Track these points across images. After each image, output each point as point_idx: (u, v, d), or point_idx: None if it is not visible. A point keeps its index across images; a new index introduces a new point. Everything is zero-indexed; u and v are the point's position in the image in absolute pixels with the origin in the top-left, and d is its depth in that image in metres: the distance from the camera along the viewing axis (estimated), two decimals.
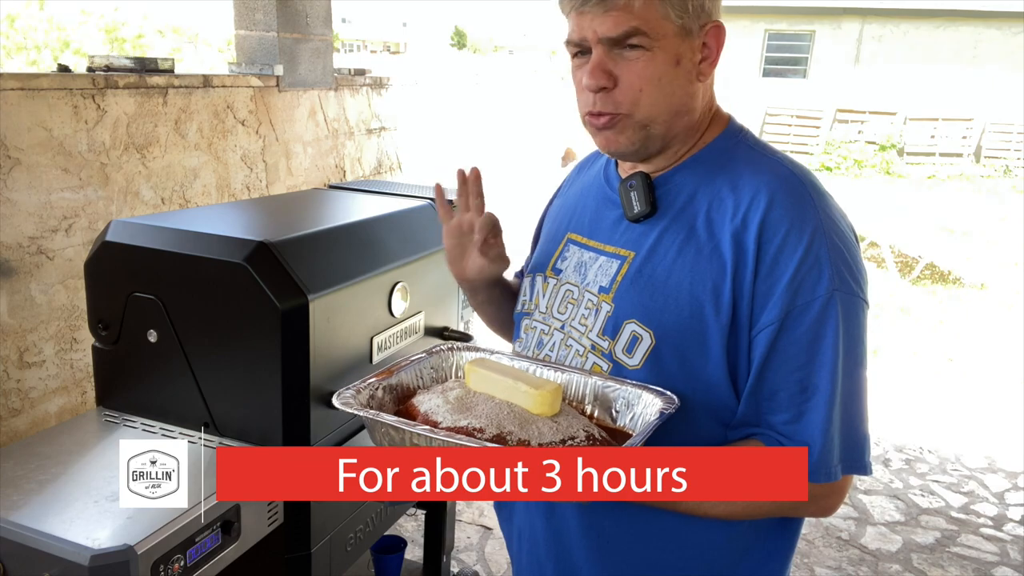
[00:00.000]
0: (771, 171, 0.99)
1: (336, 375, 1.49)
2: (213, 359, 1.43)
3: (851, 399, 0.94)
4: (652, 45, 0.94)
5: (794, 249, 0.93)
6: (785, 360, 0.93)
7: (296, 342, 1.38)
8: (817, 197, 0.96)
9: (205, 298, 1.41)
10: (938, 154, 15.49)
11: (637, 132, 0.99)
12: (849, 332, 0.93)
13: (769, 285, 0.93)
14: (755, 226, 0.94)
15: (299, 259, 1.41)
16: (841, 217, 0.99)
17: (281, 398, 1.39)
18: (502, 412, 0.92)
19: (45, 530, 1.12)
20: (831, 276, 0.92)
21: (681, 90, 0.98)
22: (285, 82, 3.09)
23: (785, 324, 0.92)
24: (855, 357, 0.94)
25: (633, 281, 1.02)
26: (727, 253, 0.95)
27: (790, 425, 0.94)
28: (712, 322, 0.95)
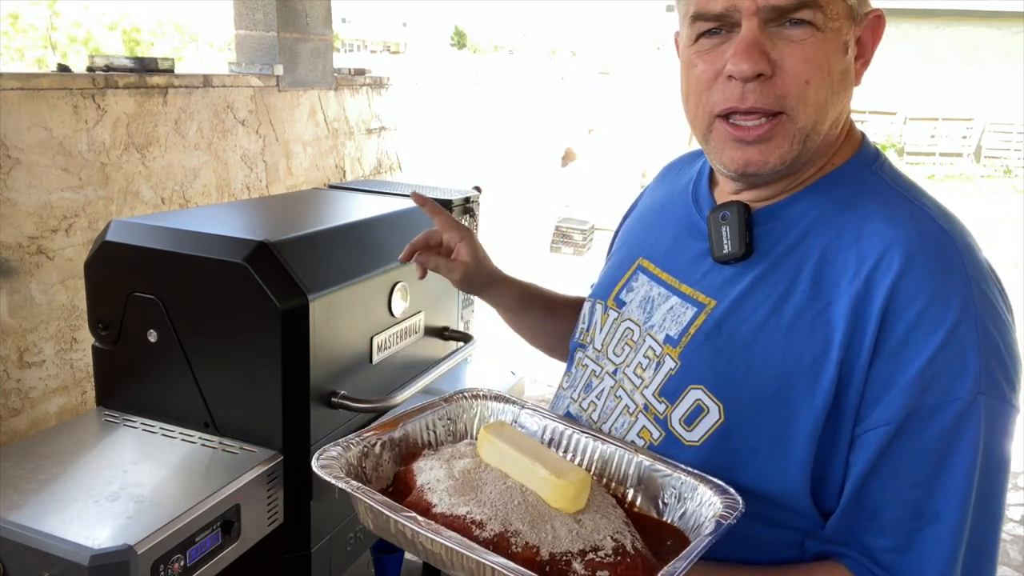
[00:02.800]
0: (913, 221, 0.75)
1: (336, 375, 1.49)
2: (213, 359, 1.43)
3: (984, 537, 0.74)
4: (825, 24, 0.74)
5: (932, 330, 0.70)
6: (899, 472, 0.72)
7: (296, 342, 1.38)
8: (972, 265, 0.73)
9: (205, 298, 1.41)
10: (938, 154, 15.49)
11: (795, 144, 0.77)
12: (993, 449, 0.71)
13: (890, 371, 0.71)
14: (883, 292, 0.72)
15: (299, 259, 1.41)
16: (999, 293, 0.75)
17: (281, 398, 1.39)
18: (512, 501, 0.73)
19: (45, 530, 1.12)
20: (978, 372, 0.70)
21: (843, 90, 0.78)
22: (285, 82, 3.09)
23: (906, 427, 0.71)
24: (996, 484, 0.73)
25: (709, 337, 0.81)
26: (839, 320, 0.73)
27: (893, 555, 0.73)
28: (803, 407, 0.74)
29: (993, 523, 0.74)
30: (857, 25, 0.77)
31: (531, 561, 0.68)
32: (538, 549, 0.69)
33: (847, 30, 0.76)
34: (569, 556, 0.69)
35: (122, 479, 1.28)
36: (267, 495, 1.37)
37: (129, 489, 1.25)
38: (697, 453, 0.79)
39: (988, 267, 0.77)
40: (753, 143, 0.76)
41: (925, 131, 15.63)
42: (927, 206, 0.78)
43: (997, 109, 15.41)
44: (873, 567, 0.74)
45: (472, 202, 2.36)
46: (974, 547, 0.73)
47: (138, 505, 1.20)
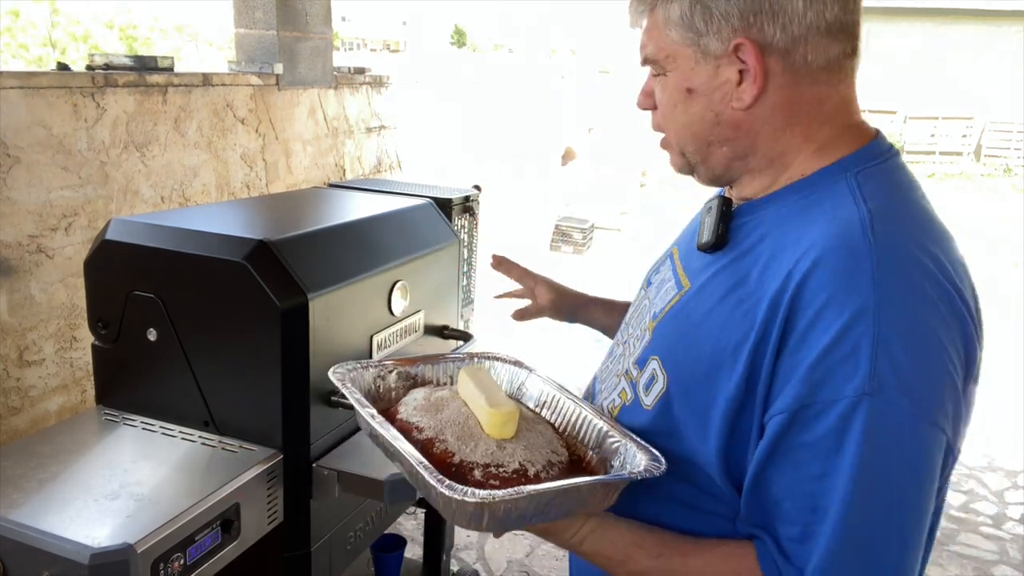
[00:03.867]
0: (840, 223, 0.78)
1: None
2: (213, 358, 1.43)
3: (876, 544, 0.72)
4: (665, 70, 0.87)
5: (826, 328, 0.73)
6: (797, 464, 0.75)
7: (296, 341, 1.38)
8: (885, 271, 0.73)
9: (205, 297, 1.41)
10: (938, 153, 15.49)
11: (679, 156, 0.92)
12: (881, 455, 0.71)
13: (791, 365, 0.75)
14: (792, 289, 0.76)
15: (299, 258, 1.41)
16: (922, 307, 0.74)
17: (281, 397, 1.39)
18: (455, 421, 0.90)
19: (45, 529, 1.12)
20: (867, 375, 0.70)
21: (703, 119, 0.86)
22: (285, 80, 3.08)
23: (799, 419, 0.74)
24: (888, 491, 0.72)
25: (674, 316, 0.91)
26: (760, 314, 0.78)
27: (794, 544, 0.76)
28: (723, 389, 0.80)
29: (889, 529, 0.72)
30: (716, 60, 0.83)
31: (443, 462, 0.85)
32: (454, 455, 0.85)
33: (690, 70, 0.85)
34: (474, 465, 0.84)
35: (122, 478, 1.28)
36: (267, 494, 1.37)
37: (129, 488, 1.25)
38: (649, 416, 0.89)
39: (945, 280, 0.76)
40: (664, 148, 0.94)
41: (925, 130, 15.62)
42: (877, 211, 0.79)
43: (997, 108, 15.41)
44: (776, 553, 0.78)
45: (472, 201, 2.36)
46: (868, 552, 0.72)
47: (138, 504, 1.20)
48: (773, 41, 0.81)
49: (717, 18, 0.81)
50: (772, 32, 0.80)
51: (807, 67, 0.82)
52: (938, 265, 0.77)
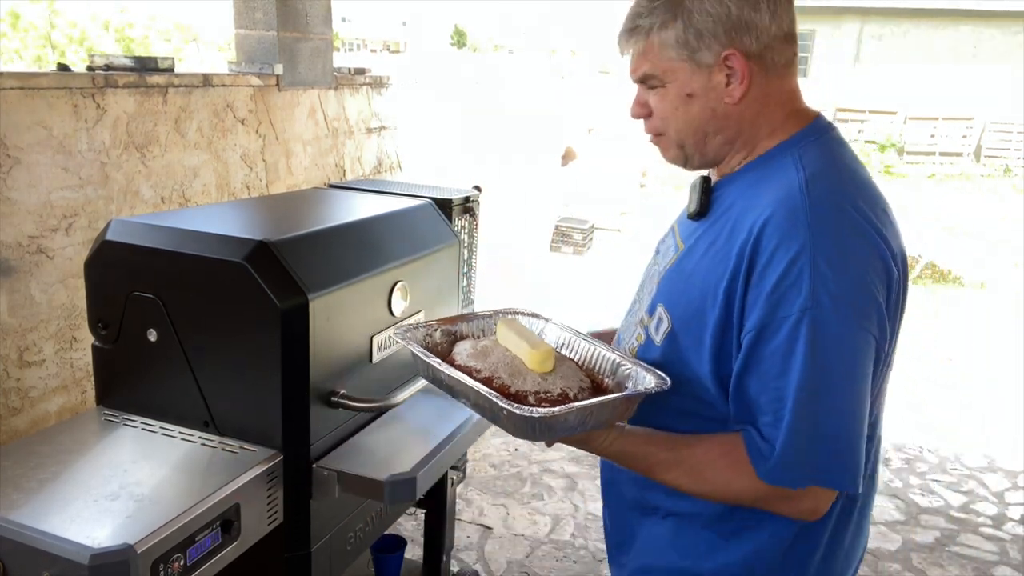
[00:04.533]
0: (785, 187, 1.02)
1: (336, 374, 1.49)
2: (213, 358, 1.43)
3: (823, 417, 0.96)
4: (664, 82, 1.09)
5: (778, 264, 0.97)
6: (766, 368, 0.98)
7: (296, 341, 1.38)
8: (816, 218, 0.97)
9: (205, 297, 1.41)
10: (938, 153, 15.49)
11: (676, 149, 1.14)
12: (822, 354, 0.95)
13: (755, 295, 0.99)
14: (752, 239, 1.00)
15: (299, 258, 1.41)
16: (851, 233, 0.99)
17: (281, 397, 1.39)
18: (504, 362, 1.11)
19: (45, 529, 1.12)
20: (807, 296, 0.94)
21: (701, 116, 1.09)
22: (285, 81, 3.08)
23: (763, 334, 0.98)
24: (829, 379, 0.96)
25: (673, 271, 1.15)
26: (732, 260, 1.02)
27: (769, 428, 1.00)
28: (709, 318, 1.04)
29: (832, 407, 0.97)
30: (708, 69, 1.06)
31: (504, 392, 1.05)
32: (510, 387, 1.07)
33: (689, 78, 1.07)
34: (527, 393, 1.06)
35: (122, 478, 1.28)
36: (267, 494, 1.37)
37: (129, 488, 1.25)
38: (660, 349, 1.13)
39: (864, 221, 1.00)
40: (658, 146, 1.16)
41: (925, 131, 15.62)
42: (822, 171, 1.04)
43: (997, 109, 15.41)
44: (756, 437, 1.01)
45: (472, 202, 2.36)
46: (819, 424, 0.97)
47: (138, 504, 1.20)
48: (751, 49, 1.04)
49: (707, 37, 1.04)
50: (749, 42, 1.04)
51: (774, 66, 1.07)
52: (861, 214, 1.00)
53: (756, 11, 1.03)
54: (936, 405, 4.27)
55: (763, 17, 1.03)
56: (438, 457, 1.53)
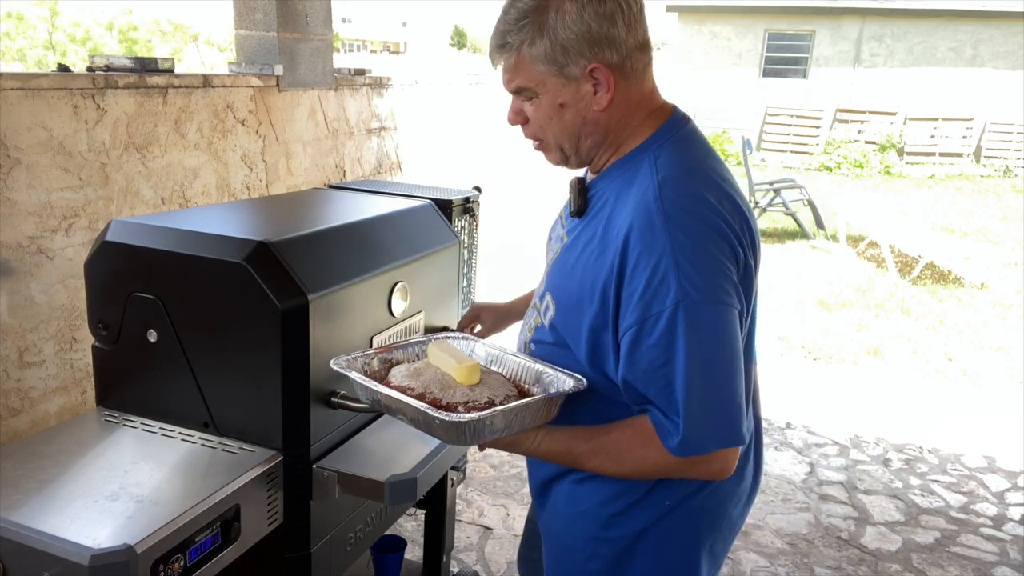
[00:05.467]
0: (641, 196, 1.15)
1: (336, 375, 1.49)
2: (213, 359, 1.43)
3: (712, 389, 1.10)
4: (537, 94, 1.19)
5: (644, 268, 1.09)
6: (648, 361, 1.10)
7: (296, 342, 1.38)
8: (671, 224, 1.10)
9: (205, 298, 1.41)
10: (938, 154, 15.49)
11: (557, 152, 1.26)
12: (699, 334, 1.08)
13: (628, 296, 1.11)
14: (621, 246, 1.12)
15: (299, 259, 1.41)
16: (700, 234, 1.11)
17: (281, 398, 1.39)
18: (435, 379, 1.21)
19: (45, 530, 1.12)
20: (676, 291, 1.07)
21: (574, 122, 1.20)
22: (285, 82, 3.09)
23: (641, 329, 1.10)
24: (710, 355, 1.09)
25: (557, 262, 1.28)
26: (606, 265, 1.14)
27: (669, 407, 1.11)
28: (587, 311, 1.17)
29: (716, 378, 1.10)
30: (577, 81, 1.16)
31: (435, 405, 1.15)
32: (441, 399, 1.17)
33: (559, 90, 1.17)
34: (457, 404, 1.16)
35: (122, 479, 1.28)
36: (267, 495, 1.37)
37: (129, 489, 1.25)
38: (548, 333, 1.26)
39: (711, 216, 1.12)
40: (538, 149, 1.28)
41: (925, 131, 15.62)
42: (671, 173, 1.15)
43: (997, 109, 15.40)
44: (662, 417, 1.12)
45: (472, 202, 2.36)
46: (709, 394, 1.10)
47: (138, 505, 1.20)
48: (612, 61, 1.15)
49: (572, 53, 1.14)
50: (610, 55, 1.15)
51: (633, 73, 1.18)
52: (708, 207, 1.13)
53: (614, 26, 1.13)
54: (936, 405, 4.27)
55: (621, 32, 1.14)
56: (438, 458, 1.53)
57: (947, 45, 15.70)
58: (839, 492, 3.30)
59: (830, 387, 4.48)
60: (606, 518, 1.26)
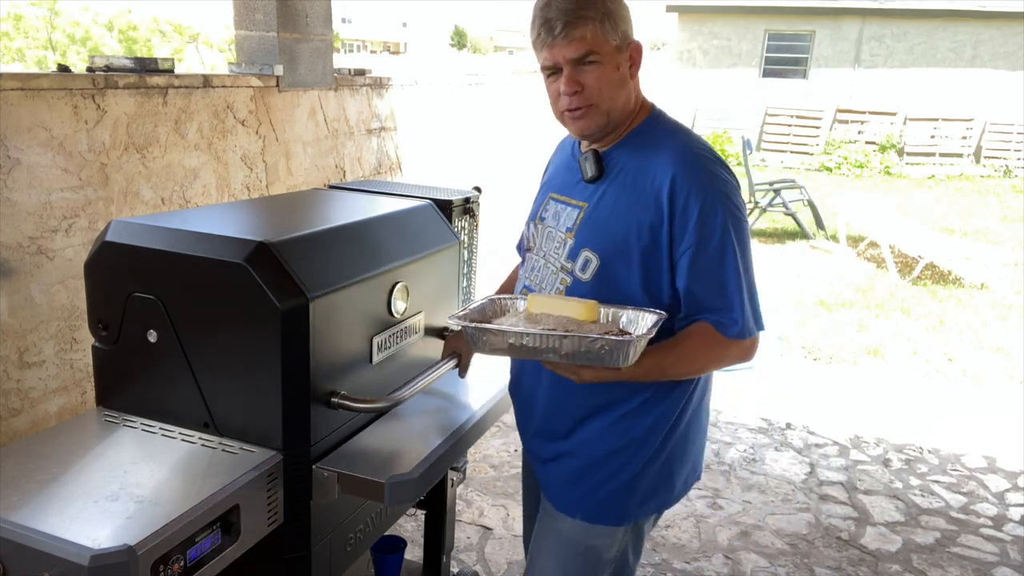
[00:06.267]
0: (674, 149, 1.44)
1: (336, 375, 1.49)
2: (213, 359, 1.43)
3: (750, 286, 1.43)
4: (602, 60, 1.41)
5: (696, 201, 1.39)
6: (705, 271, 1.40)
7: (296, 342, 1.38)
8: (707, 164, 1.43)
9: (205, 298, 1.41)
10: (938, 154, 15.48)
11: (602, 117, 1.45)
12: (740, 245, 1.41)
13: (683, 223, 1.39)
14: (667, 189, 1.40)
15: (299, 259, 1.41)
16: (724, 171, 1.44)
17: (281, 398, 1.39)
18: (560, 321, 1.36)
19: (45, 530, 1.12)
20: (723, 215, 1.39)
21: (622, 87, 1.45)
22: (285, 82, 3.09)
23: (699, 246, 1.39)
24: (746, 260, 1.43)
25: (587, 222, 1.49)
26: (652, 208, 1.41)
27: (721, 312, 1.41)
28: (635, 245, 1.43)
29: (752, 276, 1.45)
30: (623, 52, 1.43)
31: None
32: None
33: (617, 58, 1.43)
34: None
35: (122, 479, 1.28)
36: (267, 495, 1.37)
37: (129, 489, 1.25)
38: (590, 284, 1.47)
39: (723, 163, 1.45)
40: (578, 119, 1.46)
41: (925, 131, 15.62)
42: (683, 140, 1.47)
43: (997, 109, 15.40)
44: (718, 318, 1.41)
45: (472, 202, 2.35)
46: (749, 291, 1.43)
47: (138, 505, 1.20)
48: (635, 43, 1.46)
49: (624, 31, 1.43)
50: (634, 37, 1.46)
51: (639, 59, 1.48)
52: (718, 156, 1.48)
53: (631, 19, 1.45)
54: (936, 405, 4.27)
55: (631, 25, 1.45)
56: (438, 458, 1.53)
57: (947, 45, 15.69)
58: (839, 492, 3.30)
59: (830, 387, 4.48)
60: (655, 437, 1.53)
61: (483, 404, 1.78)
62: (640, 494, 1.54)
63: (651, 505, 1.57)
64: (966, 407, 4.27)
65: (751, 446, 3.68)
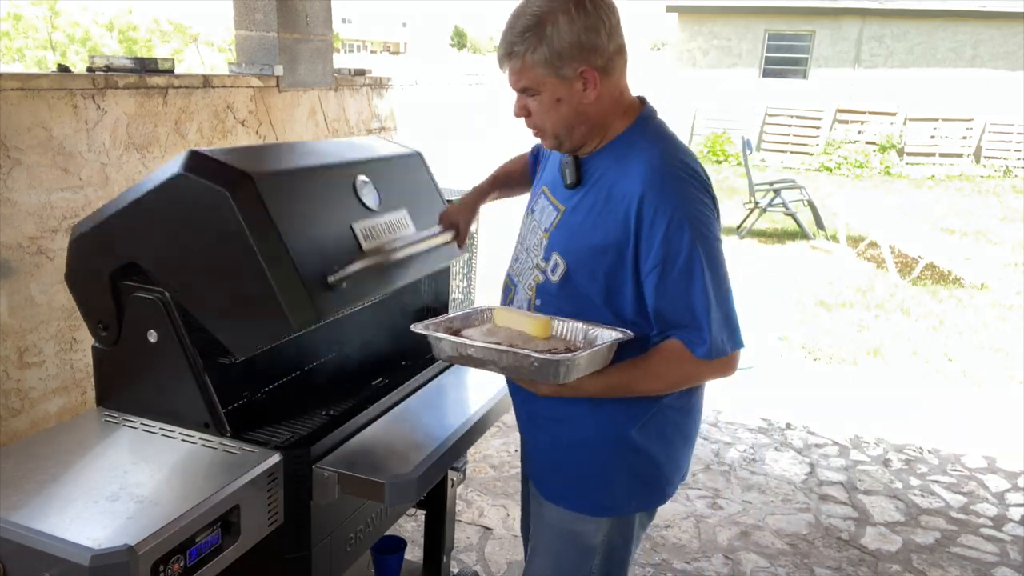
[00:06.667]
0: (647, 163, 1.41)
1: (326, 260, 1.48)
2: (195, 284, 1.42)
3: (722, 305, 1.40)
4: (538, 91, 1.42)
5: (662, 218, 1.37)
6: (673, 291, 1.38)
7: (257, 220, 1.35)
8: (680, 183, 1.40)
9: (165, 228, 1.42)
10: (938, 154, 15.48)
11: (553, 139, 1.49)
12: (709, 264, 1.38)
13: (648, 244, 1.38)
14: (635, 205, 1.39)
15: (237, 159, 1.43)
16: (697, 187, 1.42)
17: (271, 280, 1.36)
18: (514, 335, 1.41)
19: (45, 530, 1.12)
20: (691, 233, 1.36)
21: (568, 115, 1.43)
22: (285, 82, 3.09)
23: (665, 266, 1.37)
24: (717, 279, 1.39)
25: (560, 226, 1.50)
26: (620, 222, 1.40)
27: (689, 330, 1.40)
28: (601, 258, 1.43)
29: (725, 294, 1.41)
30: (571, 80, 1.39)
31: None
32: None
33: (556, 88, 1.40)
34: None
35: (122, 479, 1.28)
36: (267, 495, 1.37)
37: (129, 489, 1.25)
38: (556, 286, 1.49)
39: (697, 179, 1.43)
40: (538, 138, 1.53)
41: (925, 131, 15.61)
42: (665, 151, 1.44)
43: (997, 109, 15.40)
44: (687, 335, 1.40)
45: None
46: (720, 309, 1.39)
47: (138, 505, 1.20)
48: (597, 64, 1.40)
49: (567, 58, 1.37)
50: (596, 59, 1.39)
51: (613, 72, 1.43)
52: (695, 171, 1.44)
53: (598, 36, 1.38)
54: (936, 405, 4.27)
55: (603, 40, 1.38)
56: (438, 458, 1.53)
57: (947, 45, 15.69)
58: (839, 492, 3.30)
59: (830, 387, 4.48)
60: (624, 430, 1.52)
61: (483, 404, 1.78)
62: (618, 489, 1.54)
63: (633, 503, 1.57)
64: (966, 407, 4.27)
65: (751, 446, 3.68)
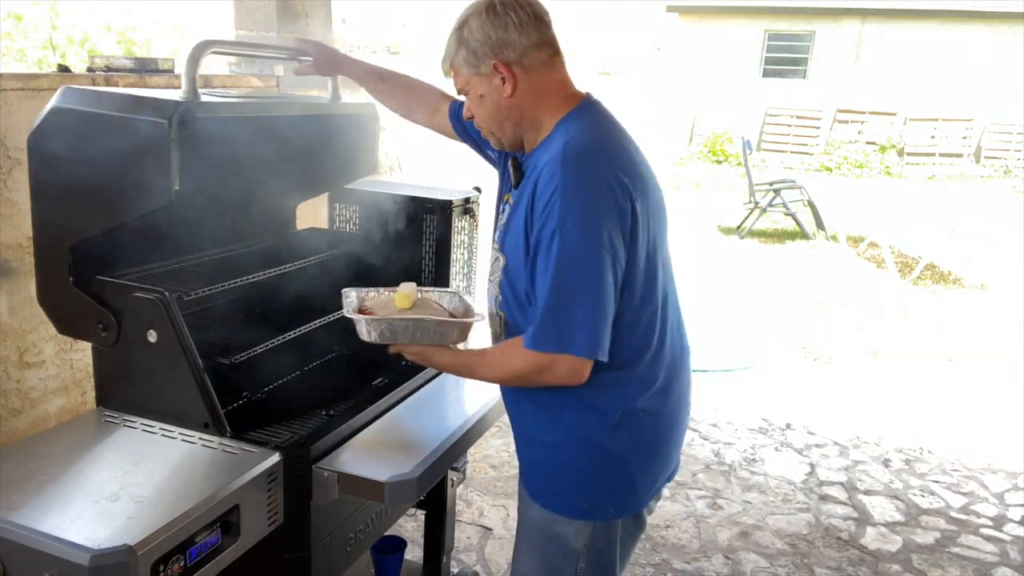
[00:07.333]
0: (553, 151, 1.41)
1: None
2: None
3: (563, 303, 1.34)
4: (467, 90, 1.51)
5: (541, 200, 1.37)
6: (539, 271, 1.37)
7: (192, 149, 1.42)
8: (567, 170, 1.36)
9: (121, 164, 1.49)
10: (938, 154, 15.48)
11: (491, 136, 1.56)
12: (565, 257, 1.33)
13: (536, 227, 1.38)
14: (531, 189, 1.41)
15: None
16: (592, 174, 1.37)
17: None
18: (383, 304, 1.58)
19: (45, 530, 1.12)
20: (557, 220, 1.33)
21: (492, 109, 1.49)
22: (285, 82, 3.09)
23: (537, 247, 1.38)
24: (569, 276, 1.34)
25: (505, 224, 1.55)
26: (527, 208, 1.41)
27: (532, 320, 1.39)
28: (522, 251, 1.43)
29: (568, 296, 1.34)
30: (488, 76, 1.46)
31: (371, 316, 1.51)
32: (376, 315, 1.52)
33: (478, 85, 1.48)
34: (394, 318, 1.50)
35: (122, 479, 1.28)
36: (267, 495, 1.37)
37: (129, 489, 1.25)
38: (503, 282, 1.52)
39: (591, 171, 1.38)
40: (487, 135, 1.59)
41: (925, 131, 15.62)
42: (575, 138, 1.42)
43: (997, 109, 15.40)
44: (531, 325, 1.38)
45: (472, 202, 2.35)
46: (556, 308, 1.35)
47: (138, 505, 1.20)
48: (510, 59, 1.44)
49: (480, 55, 1.45)
50: (508, 54, 1.44)
51: (534, 67, 1.46)
52: (603, 161, 1.40)
53: (507, 32, 1.43)
54: (936, 406, 4.27)
55: (513, 35, 1.43)
56: (438, 458, 1.53)
57: (947, 45, 15.69)
58: (839, 492, 3.30)
59: (830, 387, 4.48)
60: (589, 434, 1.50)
61: (483, 404, 1.78)
62: (593, 493, 1.51)
63: (610, 508, 1.53)
64: (966, 407, 4.27)
65: (751, 446, 3.68)
